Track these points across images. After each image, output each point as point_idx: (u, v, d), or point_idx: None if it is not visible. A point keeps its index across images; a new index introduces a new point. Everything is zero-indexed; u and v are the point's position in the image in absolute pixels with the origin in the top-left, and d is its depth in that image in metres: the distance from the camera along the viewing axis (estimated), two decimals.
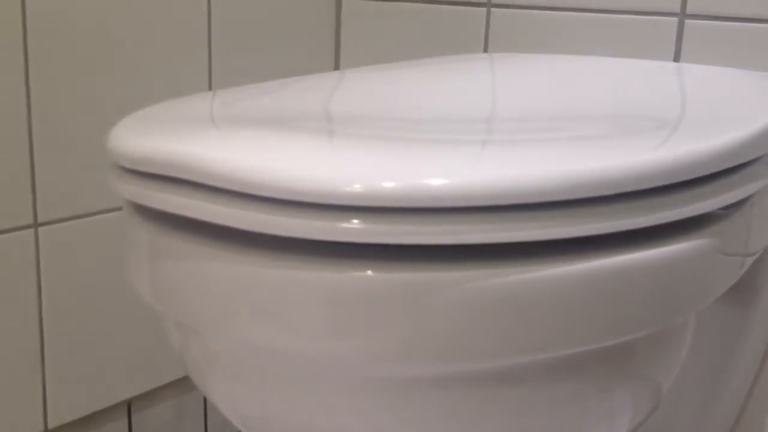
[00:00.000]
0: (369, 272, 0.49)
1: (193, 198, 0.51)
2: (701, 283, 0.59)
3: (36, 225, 0.87)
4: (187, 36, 0.97)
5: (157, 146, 0.53)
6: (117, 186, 0.56)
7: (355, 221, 0.48)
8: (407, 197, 0.47)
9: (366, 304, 0.50)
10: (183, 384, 1.05)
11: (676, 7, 0.94)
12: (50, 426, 0.93)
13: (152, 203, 0.54)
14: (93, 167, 0.90)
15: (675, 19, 0.95)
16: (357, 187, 0.48)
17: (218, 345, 0.57)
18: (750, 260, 0.66)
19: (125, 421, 1.01)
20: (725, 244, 0.59)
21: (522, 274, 0.50)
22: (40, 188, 0.86)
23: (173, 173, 0.52)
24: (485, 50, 1.06)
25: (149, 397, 1.03)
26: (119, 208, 0.60)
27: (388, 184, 0.48)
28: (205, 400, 1.09)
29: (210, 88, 1.00)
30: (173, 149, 0.52)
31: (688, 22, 0.94)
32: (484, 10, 1.05)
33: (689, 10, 0.94)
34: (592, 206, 0.51)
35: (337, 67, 1.17)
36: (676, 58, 0.95)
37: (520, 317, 0.51)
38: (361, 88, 0.79)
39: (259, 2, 1.04)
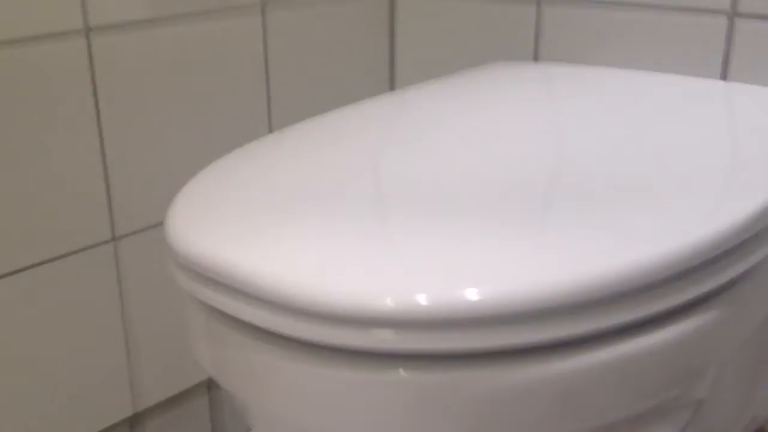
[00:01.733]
0: (401, 371, 0.53)
1: (237, 300, 0.56)
2: (714, 351, 0.62)
3: (114, 239, 0.93)
4: (244, 59, 1.00)
5: (205, 251, 0.57)
6: (174, 274, 0.61)
7: (388, 332, 0.52)
8: (439, 315, 0.51)
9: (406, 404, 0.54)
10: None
11: (726, 5, 0.92)
12: (137, 409, 1.00)
13: (203, 297, 0.59)
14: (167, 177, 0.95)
15: (724, 18, 0.92)
16: (388, 302, 0.51)
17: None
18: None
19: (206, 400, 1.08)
20: (738, 311, 0.62)
21: (546, 369, 0.54)
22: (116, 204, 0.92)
23: (219, 279, 0.56)
24: (536, 48, 1.05)
25: None
26: None
27: (421, 300, 0.51)
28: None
29: (269, 106, 1.03)
30: (218, 257, 0.56)
31: (739, 21, 0.91)
32: (533, 8, 1.05)
33: (740, 8, 0.91)
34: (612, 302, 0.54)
35: (392, 75, 1.18)
36: (725, 61, 0.92)
37: (547, 407, 0.55)
38: (410, 141, 0.78)
39: (312, 18, 1.06)
